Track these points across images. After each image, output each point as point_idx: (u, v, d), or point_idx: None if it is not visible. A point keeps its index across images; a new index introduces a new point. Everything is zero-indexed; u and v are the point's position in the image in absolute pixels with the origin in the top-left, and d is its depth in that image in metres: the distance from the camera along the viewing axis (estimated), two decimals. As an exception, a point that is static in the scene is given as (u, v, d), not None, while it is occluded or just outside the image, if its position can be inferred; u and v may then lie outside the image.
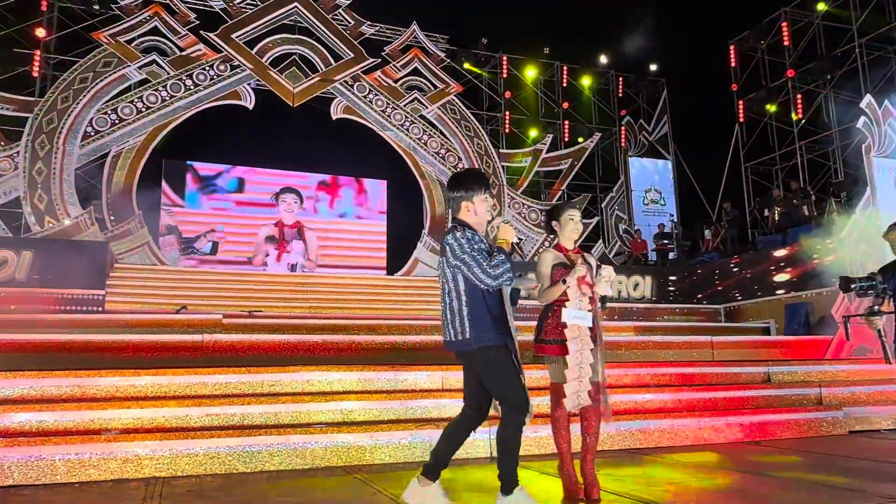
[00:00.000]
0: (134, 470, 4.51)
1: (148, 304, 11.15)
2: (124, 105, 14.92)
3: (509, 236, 3.52)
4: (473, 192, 3.54)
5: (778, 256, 13.35)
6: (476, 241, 3.43)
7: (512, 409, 3.41)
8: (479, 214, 3.55)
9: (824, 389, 7.11)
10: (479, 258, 3.37)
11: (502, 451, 3.45)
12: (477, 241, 3.44)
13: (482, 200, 3.55)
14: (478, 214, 3.55)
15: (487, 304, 3.44)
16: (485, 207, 3.56)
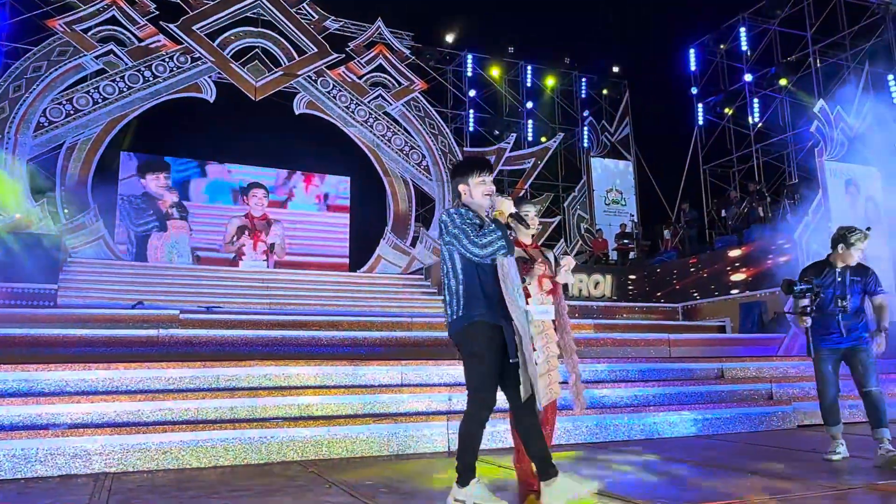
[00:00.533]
0: (83, 465, 4.40)
1: (103, 299, 10.89)
2: (80, 95, 14.56)
3: (504, 207, 3.38)
4: (467, 175, 3.47)
5: (734, 257, 13.65)
6: (468, 216, 3.36)
7: (470, 400, 3.35)
8: (474, 197, 3.45)
9: (775, 385, 7.29)
10: (469, 230, 3.28)
11: (459, 444, 3.40)
12: (470, 216, 3.36)
13: (477, 183, 3.45)
14: (473, 197, 3.45)
15: (482, 281, 3.32)
16: (481, 190, 3.44)
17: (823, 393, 4.91)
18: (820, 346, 4.89)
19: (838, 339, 4.85)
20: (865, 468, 4.51)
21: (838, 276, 4.89)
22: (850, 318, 4.83)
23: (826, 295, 4.86)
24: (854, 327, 4.84)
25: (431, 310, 12.41)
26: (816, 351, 4.90)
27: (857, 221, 11.76)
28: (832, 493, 3.70)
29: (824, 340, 4.88)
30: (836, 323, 4.82)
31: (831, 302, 4.84)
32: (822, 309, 4.85)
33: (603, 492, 3.75)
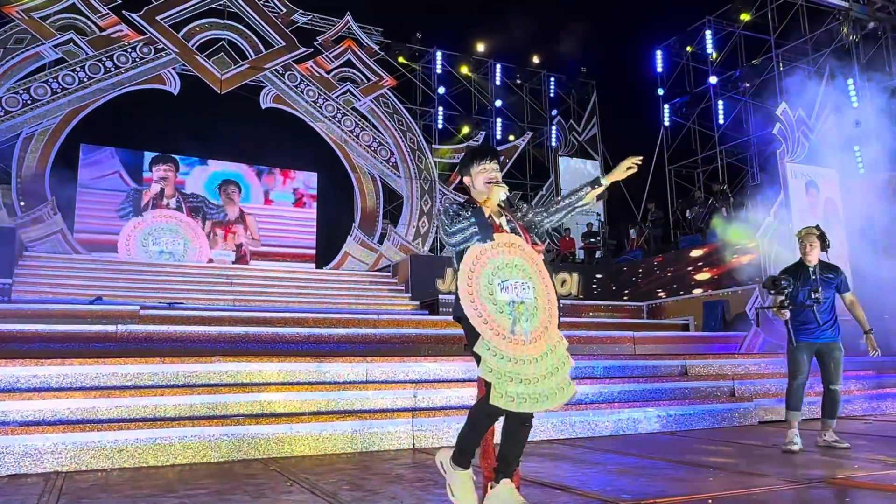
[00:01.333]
0: (33, 464, 4.26)
1: (60, 294, 10.60)
2: (38, 85, 14.14)
3: (493, 195, 3.19)
4: (468, 167, 3.36)
5: (698, 256, 13.85)
6: (455, 207, 3.22)
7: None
8: (477, 186, 3.31)
9: (737, 382, 7.40)
10: (445, 220, 3.16)
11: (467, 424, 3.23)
12: (456, 208, 3.22)
13: (479, 172, 3.32)
14: (476, 186, 3.32)
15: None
16: (483, 178, 3.30)
17: (794, 377, 5.36)
18: (798, 338, 5.35)
19: (815, 330, 5.31)
20: (824, 463, 4.58)
21: (811, 272, 5.41)
22: (824, 311, 5.32)
23: (802, 290, 5.36)
24: (827, 319, 5.32)
25: (398, 307, 12.36)
26: (794, 343, 5.36)
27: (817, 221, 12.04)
28: (793, 488, 3.74)
29: (802, 333, 5.34)
30: (812, 313, 5.30)
31: (806, 296, 5.33)
32: (797, 302, 5.34)
33: (569, 488, 3.74)
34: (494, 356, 3.00)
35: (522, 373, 3.00)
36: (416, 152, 17.50)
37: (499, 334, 3.02)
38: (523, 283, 3.11)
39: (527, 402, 3.00)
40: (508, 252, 3.16)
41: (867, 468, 4.28)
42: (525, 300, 3.09)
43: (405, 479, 4.06)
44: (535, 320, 3.11)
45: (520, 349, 3.02)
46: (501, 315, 3.04)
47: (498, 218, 3.28)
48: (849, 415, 7.46)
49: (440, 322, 9.04)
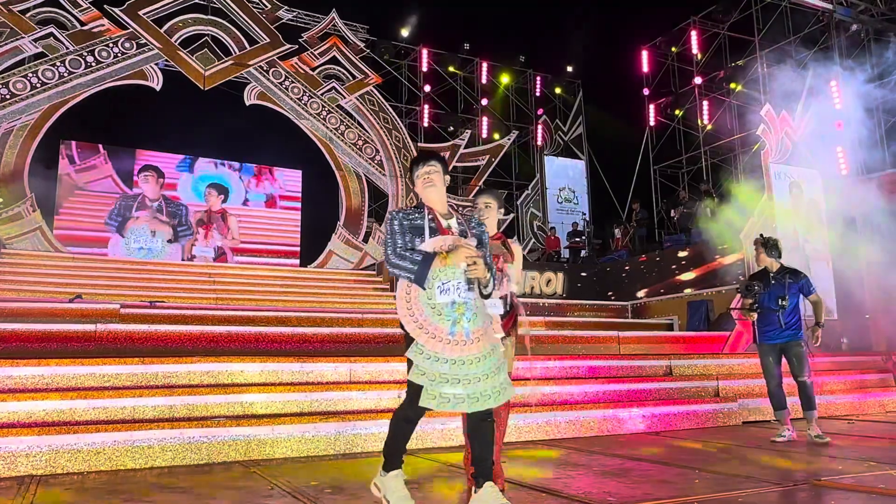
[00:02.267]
0: (6, 468, 4.15)
1: (38, 292, 10.43)
2: (17, 79, 13.89)
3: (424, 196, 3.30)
4: (412, 173, 3.42)
5: (682, 256, 13.89)
6: (399, 217, 3.27)
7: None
8: (419, 191, 3.38)
9: (721, 382, 7.41)
10: (397, 240, 3.22)
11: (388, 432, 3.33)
12: (401, 217, 3.26)
13: (417, 176, 3.38)
14: (418, 191, 3.38)
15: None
16: (420, 183, 3.36)
17: (767, 382, 5.87)
18: (762, 341, 5.86)
19: (776, 333, 5.77)
20: (809, 464, 4.58)
21: (772, 278, 5.85)
22: (788, 315, 5.75)
23: (770, 295, 5.77)
24: (791, 322, 5.75)
25: (383, 306, 12.28)
26: (759, 345, 5.90)
27: (800, 222, 12.14)
28: (778, 489, 3.73)
29: (764, 336, 5.83)
30: (777, 318, 5.73)
31: (773, 301, 5.74)
32: (764, 307, 5.79)
33: (554, 490, 3.70)
34: (428, 359, 3.05)
35: (461, 374, 3.04)
36: (402, 150, 17.42)
37: (435, 337, 3.06)
38: (465, 283, 3.13)
39: (464, 403, 3.04)
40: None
41: (852, 469, 4.28)
42: (466, 300, 3.12)
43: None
44: (478, 320, 3.15)
45: (459, 350, 3.06)
46: (440, 318, 3.09)
47: (447, 220, 3.31)
48: (832, 414, 7.49)
49: (425, 321, 8.97)
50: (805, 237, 12.02)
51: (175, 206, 15.35)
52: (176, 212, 15.32)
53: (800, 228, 12.00)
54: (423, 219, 3.23)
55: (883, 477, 4.00)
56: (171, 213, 15.22)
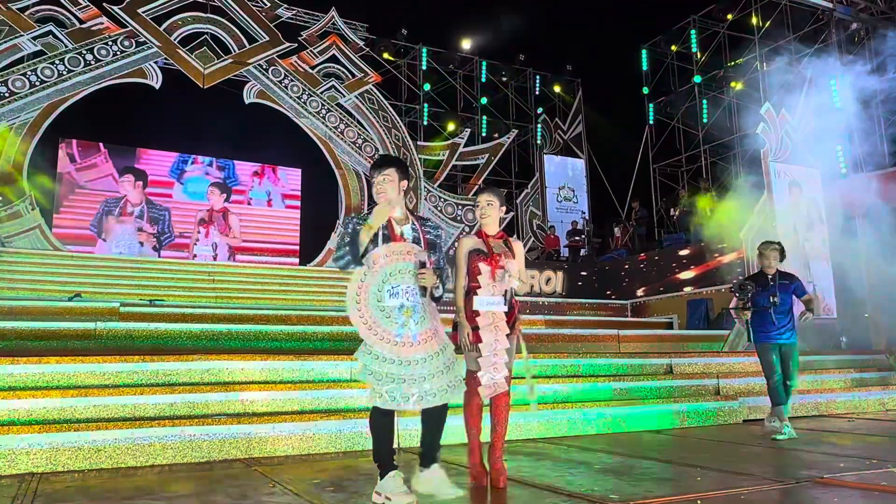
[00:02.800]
0: (7, 466, 4.14)
1: (38, 290, 10.42)
2: (16, 77, 13.88)
3: (375, 218, 3.35)
4: (371, 181, 3.54)
5: (682, 255, 13.89)
6: (354, 223, 3.41)
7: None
8: (375, 197, 3.50)
9: (722, 381, 7.40)
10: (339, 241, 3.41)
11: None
12: (355, 223, 3.40)
13: (374, 185, 3.50)
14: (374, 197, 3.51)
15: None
16: (374, 190, 3.50)
17: (769, 378, 5.99)
18: (761, 339, 6.03)
19: (773, 331, 5.97)
20: (811, 462, 4.58)
21: (770, 280, 6.08)
22: (784, 316, 5.97)
23: (763, 295, 6.00)
24: (783, 322, 5.98)
25: (383, 304, 12.26)
26: (759, 343, 6.04)
27: (800, 221, 12.14)
28: (781, 487, 3.73)
29: (763, 335, 6.01)
30: (770, 316, 5.95)
31: (766, 300, 5.97)
32: (757, 306, 6.01)
33: (556, 488, 3.70)
34: (376, 359, 3.25)
35: (406, 373, 3.23)
36: (402, 149, 17.40)
37: (383, 338, 3.25)
38: (414, 287, 3.30)
39: (410, 402, 3.24)
40: (402, 259, 3.35)
41: (853, 467, 4.28)
42: (415, 304, 3.30)
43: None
44: (426, 322, 3.34)
45: (405, 351, 3.25)
46: (388, 320, 3.27)
47: (402, 226, 3.46)
48: (832, 413, 7.50)
49: (425, 320, 8.97)
50: (805, 235, 12.02)
51: (158, 210, 15.28)
52: (158, 217, 15.25)
53: (799, 227, 12.00)
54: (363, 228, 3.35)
55: (885, 474, 4.00)
56: (153, 217, 15.16)
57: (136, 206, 14.48)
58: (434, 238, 3.55)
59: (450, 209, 17.80)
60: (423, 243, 3.46)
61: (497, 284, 3.79)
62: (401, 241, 3.41)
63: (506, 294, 3.85)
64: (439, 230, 3.63)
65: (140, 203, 14.78)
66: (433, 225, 3.62)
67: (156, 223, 15.07)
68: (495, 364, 3.71)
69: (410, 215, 3.54)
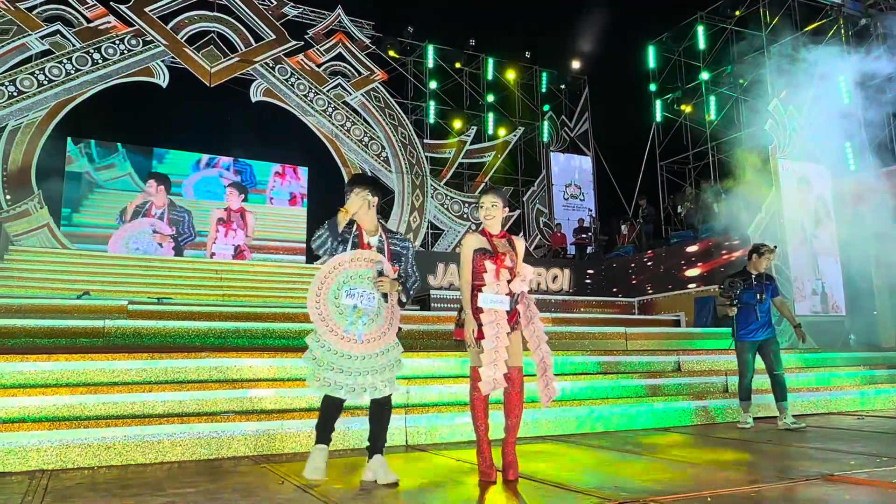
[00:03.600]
0: (18, 462, 4.16)
1: (46, 288, 10.47)
2: (24, 77, 13.95)
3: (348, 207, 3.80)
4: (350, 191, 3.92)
5: (689, 252, 13.85)
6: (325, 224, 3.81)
7: None
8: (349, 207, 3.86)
9: (730, 378, 7.37)
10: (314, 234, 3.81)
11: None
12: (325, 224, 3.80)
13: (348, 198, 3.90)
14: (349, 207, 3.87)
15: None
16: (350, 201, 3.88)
17: (743, 375, 6.35)
18: (743, 338, 6.34)
19: (757, 328, 6.28)
20: (820, 459, 4.55)
21: (755, 279, 6.41)
22: (765, 313, 6.31)
23: (749, 293, 6.32)
24: (766, 319, 6.31)
25: (389, 302, 12.28)
26: (740, 342, 6.37)
27: (808, 218, 12.07)
28: (790, 484, 3.71)
29: (746, 333, 6.31)
30: (755, 312, 6.26)
31: (752, 297, 6.28)
32: (744, 302, 6.31)
33: (565, 485, 3.69)
34: (322, 347, 3.67)
35: (344, 365, 3.65)
36: (408, 147, 17.41)
37: (332, 331, 3.66)
38: (369, 292, 3.73)
39: (342, 390, 3.66)
40: (364, 265, 3.76)
41: (863, 464, 4.26)
42: (367, 308, 3.71)
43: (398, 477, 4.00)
44: (373, 325, 3.74)
45: (348, 346, 3.66)
46: (341, 316, 3.68)
47: (370, 236, 3.89)
48: (841, 410, 7.46)
49: (432, 317, 8.99)
50: (813, 232, 11.97)
51: (178, 212, 15.35)
52: (178, 218, 15.31)
53: (807, 223, 11.95)
54: (350, 233, 3.84)
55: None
56: (173, 219, 15.22)
57: (160, 209, 14.57)
58: (400, 249, 3.95)
59: (456, 207, 17.80)
60: (388, 254, 3.86)
61: (501, 283, 3.83)
62: (367, 248, 3.83)
63: (511, 294, 3.88)
64: (406, 242, 4.03)
65: (163, 206, 14.90)
66: (401, 237, 4.03)
67: (176, 224, 15.14)
68: (496, 361, 3.75)
69: (380, 227, 3.95)
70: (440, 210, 17.61)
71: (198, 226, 15.49)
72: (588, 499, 3.38)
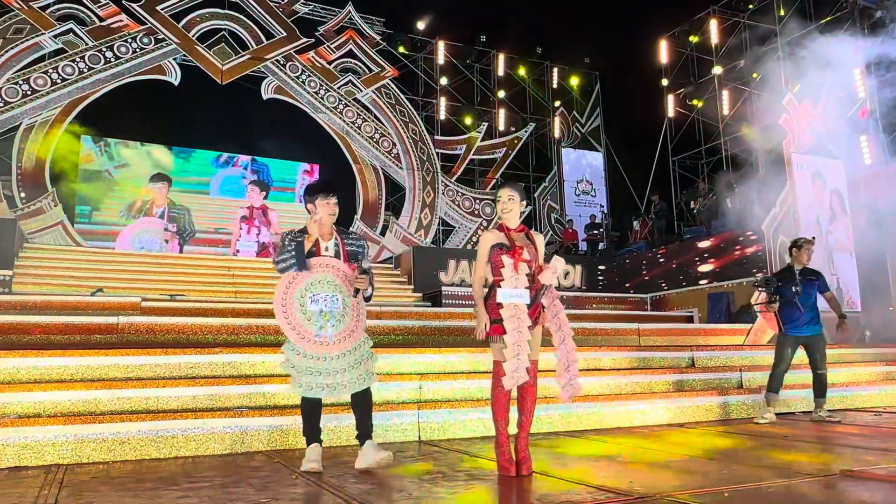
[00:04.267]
0: (34, 457, 4.18)
1: (61, 285, 10.52)
2: (38, 75, 14.04)
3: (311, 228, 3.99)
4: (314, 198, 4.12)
5: (702, 248, 13.75)
6: (288, 238, 4.02)
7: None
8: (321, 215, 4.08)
9: (745, 374, 7.32)
10: (278, 250, 3.99)
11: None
12: (288, 238, 4.02)
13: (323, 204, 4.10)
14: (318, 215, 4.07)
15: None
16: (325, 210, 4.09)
17: (777, 365, 6.31)
18: (787, 332, 6.32)
19: (801, 323, 6.26)
20: (838, 455, 4.51)
21: (798, 275, 6.41)
22: (808, 306, 6.27)
23: (787, 287, 6.31)
24: (811, 316, 6.28)
25: (401, 298, 12.29)
26: (783, 335, 6.34)
27: (823, 213, 11.95)
28: (809, 480, 3.67)
29: (790, 327, 6.31)
30: (797, 306, 6.25)
31: (793, 293, 6.27)
32: (784, 298, 6.30)
33: (578, 480, 3.67)
34: (298, 354, 3.89)
35: (322, 368, 3.88)
36: (419, 143, 17.39)
37: (304, 337, 3.87)
38: (332, 295, 3.93)
39: (325, 390, 3.89)
40: (322, 271, 3.98)
41: (882, 460, 4.21)
42: (332, 310, 3.92)
43: (412, 471, 3.99)
44: (341, 325, 3.95)
45: (322, 349, 3.88)
46: (309, 322, 3.88)
47: (326, 241, 4.09)
48: (858, 406, 7.39)
49: (443, 314, 8.97)
50: (827, 228, 11.85)
51: (177, 210, 15.40)
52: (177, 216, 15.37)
53: (822, 219, 11.84)
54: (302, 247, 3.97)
55: (915, 468, 3.92)
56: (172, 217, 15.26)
57: (160, 208, 14.61)
58: (355, 248, 4.16)
59: (467, 203, 17.77)
60: (343, 255, 4.08)
61: (520, 277, 3.83)
62: (324, 255, 4.04)
63: (541, 289, 3.87)
64: (361, 241, 4.24)
65: (163, 205, 14.96)
66: (355, 237, 4.24)
67: (176, 222, 15.19)
68: (519, 355, 3.74)
69: (334, 231, 4.15)
70: (451, 206, 17.59)
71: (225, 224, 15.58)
72: (603, 494, 3.36)
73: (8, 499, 3.31)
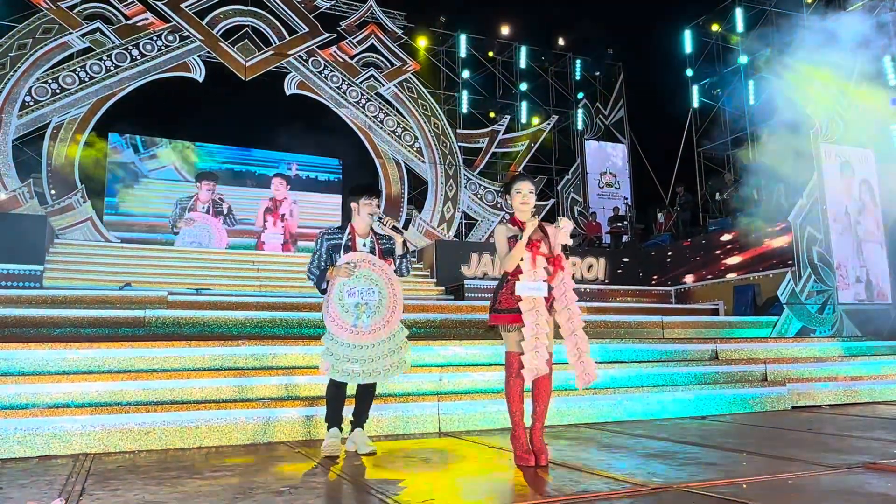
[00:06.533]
0: (62, 446, 4.29)
1: (90, 280, 10.73)
2: (66, 74, 14.28)
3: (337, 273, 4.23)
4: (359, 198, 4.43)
5: (727, 240, 13.58)
6: (323, 238, 4.38)
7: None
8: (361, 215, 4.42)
9: (770, 367, 7.24)
10: (314, 255, 4.35)
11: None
12: (324, 238, 4.38)
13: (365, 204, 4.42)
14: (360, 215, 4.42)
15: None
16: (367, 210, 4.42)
17: None
18: None
19: None
20: (861, 448, 4.44)
21: None
22: None
23: None
24: None
25: (424, 292, 12.33)
26: None
27: (852, 204, 11.74)
28: (831, 473, 3.63)
29: None
30: None
31: None
32: None
33: (598, 471, 3.67)
34: (336, 343, 4.17)
35: (359, 355, 4.15)
36: (441, 137, 17.39)
37: (341, 327, 4.17)
38: (369, 288, 4.24)
39: (360, 376, 4.17)
40: (361, 266, 4.27)
41: (908, 453, 4.14)
42: (368, 302, 4.22)
43: (432, 463, 4.02)
44: (378, 316, 4.23)
45: (359, 338, 4.16)
46: (347, 313, 4.18)
47: (363, 238, 4.41)
48: (886, 400, 7.27)
49: (465, 307, 8.99)
50: (857, 219, 11.64)
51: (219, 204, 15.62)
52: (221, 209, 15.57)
53: (851, 210, 11.63)
54: (343, 238, 4.36)
55: (942, 461, 3.85)
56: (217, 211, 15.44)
57: (205, 204, 14.80)
58: (389, 246, 4.48)
59: (490, 196, 17.73)
60: (378, 252, 4.40)
61: (538, 270, 3.85)
62: (360, 251, 4.34)
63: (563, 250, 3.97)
64: (391, 241, 4.49)
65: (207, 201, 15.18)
66: (388, 238, 4.50)
67: (220, 215, 15.41)
68: (537, 347, 3.75)
69: (371, 231, 4.46)
70: (474, 200, 17.57)
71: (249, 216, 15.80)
72: (620, 484, 3.36)
73: (38, 486, 3.41)
